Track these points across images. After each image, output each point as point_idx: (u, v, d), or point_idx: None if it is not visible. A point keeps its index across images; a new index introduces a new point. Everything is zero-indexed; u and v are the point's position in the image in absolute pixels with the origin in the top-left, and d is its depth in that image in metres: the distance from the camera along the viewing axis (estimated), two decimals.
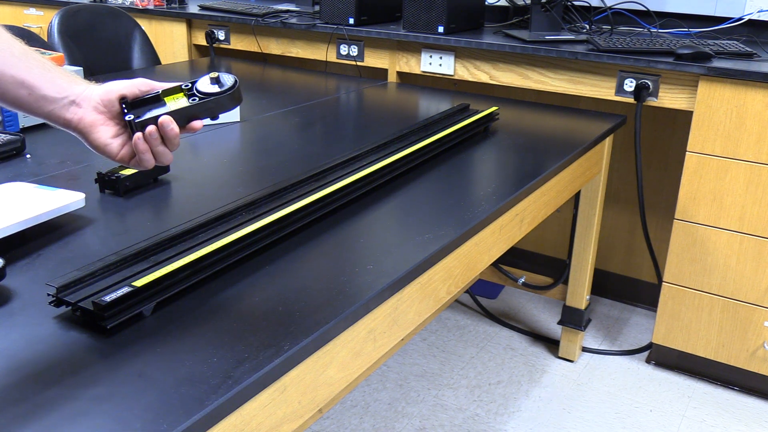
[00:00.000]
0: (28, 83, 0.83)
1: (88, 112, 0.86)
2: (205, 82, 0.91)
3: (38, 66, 0.84)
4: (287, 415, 0.88)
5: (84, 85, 0.87)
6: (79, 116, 0.86)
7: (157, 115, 0.87)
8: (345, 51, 2.53)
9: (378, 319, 1.04)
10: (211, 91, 0.90)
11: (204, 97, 0.90)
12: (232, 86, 0.90)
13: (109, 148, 0.87)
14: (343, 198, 1.27)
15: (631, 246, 2.59)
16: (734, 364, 2.05)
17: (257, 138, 1.69)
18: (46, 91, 0.84)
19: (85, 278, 0.92)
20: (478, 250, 1.32)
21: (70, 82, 0.86)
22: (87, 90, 0.87)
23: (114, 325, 0.86)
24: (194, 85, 0.91)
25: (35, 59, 0.84)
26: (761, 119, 1.85)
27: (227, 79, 0.91)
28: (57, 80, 0.85)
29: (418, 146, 1.50)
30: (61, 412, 0.72)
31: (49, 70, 0.85)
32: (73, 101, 0.85)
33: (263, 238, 1.09)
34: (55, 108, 0.85)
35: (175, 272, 0.94)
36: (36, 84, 0.83)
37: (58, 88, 0.84)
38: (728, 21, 2.25)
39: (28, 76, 0.83)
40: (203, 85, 0.91)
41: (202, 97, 0.90)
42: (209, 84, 0.90)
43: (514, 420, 1.98)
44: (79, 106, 0.85)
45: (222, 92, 0.90)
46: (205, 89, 0.90)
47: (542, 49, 2.12)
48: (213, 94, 0.90)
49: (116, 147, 0.87)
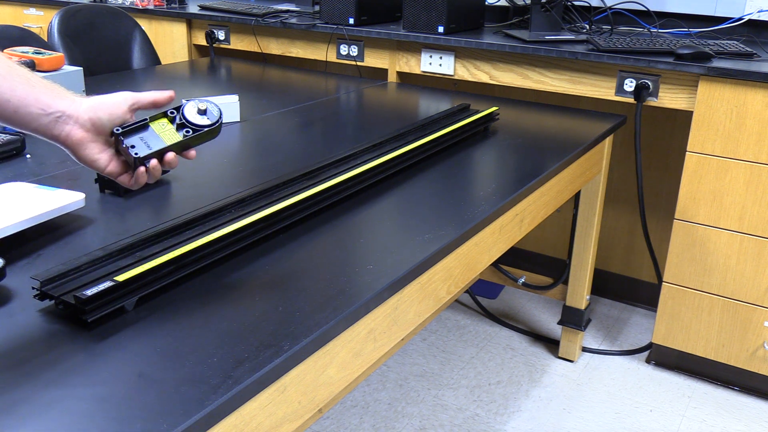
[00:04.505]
0: (13, 102, 0.83)
1: (75, 129, 0.87)
2: (192, 112, 0.96)
3: (22, 83, 0.84)
4: (287, 415, 0.88)
5: (69, 99, 0.87)
6: (66, 133, 0.87)
7: (158, 150, 0.92)
8: (345, 51, 2.53)
9: (378, 319, 1.04)
10: (201, 123, 0.96)
11: (197, 129, 0.95)
12: (219, 119, 0.97)
13: (97, 164, 0.89)
14: (338, 195, 1.27)
15: (631, 246, 2.59)
16: (734, 364, 2.05)
17: (257, 138, 1.69)
18: (32, 109, 0.84)
19: (70, 272, 0.92)
20: (478, 250, 1.32)
21: (54, 97, 0.86)
22: (73, 106, 0.87)
23: (95, 318, 0.86)
24: (181, 113, 0.95)
25: (19, 76, 0.85)
26: (761, 119, 1.85)
27: (213, 110, 0.97)
28: (42, 97, 0.85)
29: (416, 144, 1.50)
30: (62, 412, 0.72)
31: (34, 86, 0.85)
32: (58, 118, 0.86)
33: (253, 234, 1.09)
34: (41, 125, 0.86)
35: (159, 267, 0.95)
36: (21, 103, 0.84)
37: (43, 105, 0.85)
38: (728, 21, 2.25)
39: (12, 95, 0.83)
40: (192, 115, 0.95)
41: (195, 129, 0.95)
42: (197, 115, 0.96)
43: (514, 420, 1.98)
44: (65, 123, 0.86)
45: (211, 125, 0.96)
46: (195, 120, 0.95)
47: (542, 49, 2.12)
48: (204, 126, 0.96)
49: (104, 162, 0.90)
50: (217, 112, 0.96)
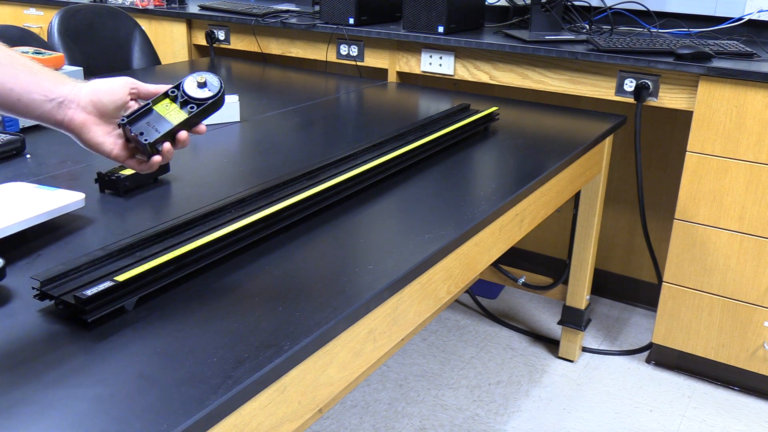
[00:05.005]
0: (16, 90, 0.84)
1: (77, 113, 0.88)
2: (192, 87, 0.95)
3: (24, 71, 0.85)
4: (287, 415, 0.88)
5: (71, 84, 0.88)
6: (69, 117, 0.88)
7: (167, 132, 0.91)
8: (345, 51, 2.53)
9: (378, 319, 1.04)
10: (204, 96, 0.94)
11: (201, 102, 0.94)
12: (221, 88, 0.95)
13: (102, 147, 0.90)
14: (338, 195, 1.28)
15: (631, 246, 2.59)
16: (734, 364, 2.05)
17: (257, 138, 1.69)
18: (34, 96, 0.85)
19: (70, 272, 0.93)
20: (478, 250, 1.32)
21: (56, 83, 0.87)
22: (74, 90, 0.88)
23: (95, 318, 0.86)
24: (181, 90, 0.94)
25: (21, 64, 0.86)
26: (761, 119, 1.85)
27: (213, 81, 0.96)
28: (43, 83, 0.86)
29: (416, 144, 1.50)
30: (62, 412, 0.72)
31: (36, 73, 0.86)
32: (61, 103, 0.87)
33: (253, 234, 1.09)
34: (44, 111, 0.87)
35: (159, 267, 0.95)
36: (24, 90, 0.85)
37: (45, 91, 0.86)
38: (728, 21, 2.25)
39: (15, 83, 0.84)
40: (192, 90, 0.95)
41: (199, 103, 0.94)
42: (198, 89, 0.95)
43: (514, 420, 1.98)
44: (68, 107, 0.87)
45: (214, 96, 0.95)
46: (197, 94, 0.94)
47: (542, 49, 2.12)
48: (207, 98, 0.94)
49: (109, 145, 0.90)
50: (217, 82, 0.95)
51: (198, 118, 0.94)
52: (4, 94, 0.84)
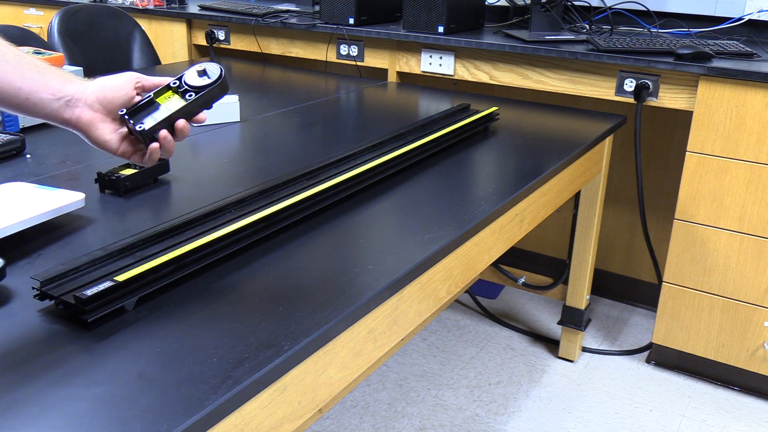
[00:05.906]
0: (24, 90, 0.85)
1: (84, 111, 0.88)
2: (192, 76, 0.95)
3: (32, 70, 0.86)
4: (287, 415, 0.88)
5: (78, 83, 0.89)
6: (76, 116, 0.88)
7: (164, 119, 0.91)
8: (345, 51, 2.53)
9: (378, 319, 1.04)
10: (202, 84, 0.94)
11: (199, 90, 0.94)
12: (221, 75, 0.95)
13: (108, 144, 0.90)
14: (338, 195, 1.28)
15: (631, 246, 2.59)
16: (734, 364, 2.05)
17: (257, 138, 1.69)
18: (42, 95, 0.86)
19: (70, 272, 0.93)
20: (478, 250, 1.32)
21: (63, 82, 0.88)
22: (81, 89, 0.89)
23: (95, 318, 0.86)
24: (182, 81, 0.94)
25: (28, 63, 0.86)
26: (761, 119, 1.85)
27: (213, 69, 0.95)
28: (51, 82, 0.87)
29: (416, 144, 1.50)
30: (62, 412, 0.72)
31: (43, 72, 0.87)
32: (68, 101, 0.88)
33: (253, 234, 1.09)
34: (52, 110, 0.87)
35: (159, 267, 0.95)
36: (31, 89, 0.85)
37: (53, 90, 0.87)
38: (728, 21, 2.25)
39: (23, 82, 0.85)
40: (192, 79, 0.94)
41: (197, 90, 0.93)
42: (198, 77, 0.95)
43: (514, 420, 1.98)
44: (75, 105, 0.88)
45: (213, 83, 0.94)
46: (196, 83, 0.94)
47: (542, 49, 2.12)
48: (206, 86, 0.94)
49: (115, 142, 0.91)
50: (217, 69, 0.95)
51: (197, 106, 0.94)
52: (13, 93, 0.85)
